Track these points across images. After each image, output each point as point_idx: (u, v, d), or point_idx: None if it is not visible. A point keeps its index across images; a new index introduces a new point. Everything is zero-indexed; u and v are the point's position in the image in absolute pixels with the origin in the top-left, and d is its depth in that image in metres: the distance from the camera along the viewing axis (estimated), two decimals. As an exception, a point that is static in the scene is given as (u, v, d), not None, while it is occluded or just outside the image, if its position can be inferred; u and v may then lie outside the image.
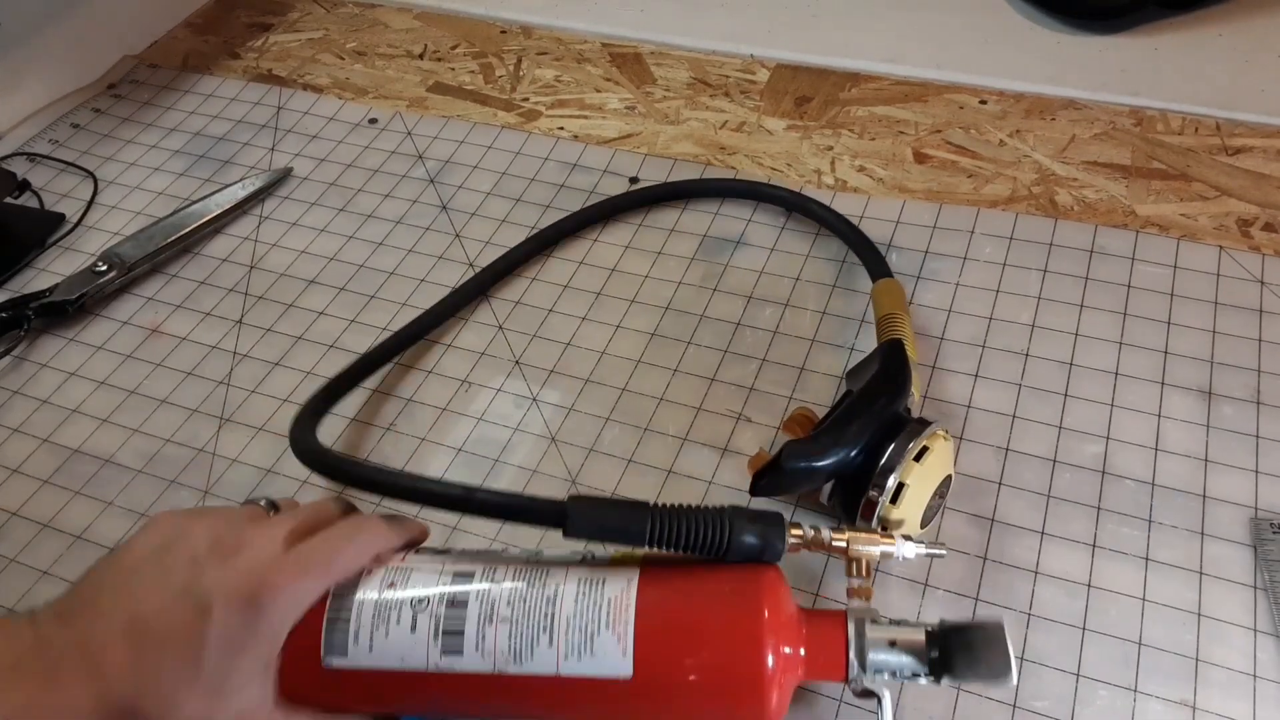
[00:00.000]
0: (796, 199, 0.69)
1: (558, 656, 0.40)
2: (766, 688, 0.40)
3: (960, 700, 0.47)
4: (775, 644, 0.40)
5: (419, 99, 0.84)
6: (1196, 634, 0.48)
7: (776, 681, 0.40)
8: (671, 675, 0.40)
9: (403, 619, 0.41)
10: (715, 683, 0.40)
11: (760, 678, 0.39)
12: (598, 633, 0.40)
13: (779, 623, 0.40)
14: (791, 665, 0.40)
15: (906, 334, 0.55)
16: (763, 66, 0.83)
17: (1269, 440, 0.54)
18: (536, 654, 0.40)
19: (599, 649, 0.40)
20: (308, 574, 0.40)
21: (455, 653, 0.40)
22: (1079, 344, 0.60)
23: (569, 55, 0.87)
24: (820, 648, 0.41)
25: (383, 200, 0.75)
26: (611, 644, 0.40)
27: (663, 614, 0.41)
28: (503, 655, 0.40)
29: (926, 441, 0.48)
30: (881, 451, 0.48)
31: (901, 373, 0.51)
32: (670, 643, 0.40)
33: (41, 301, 0.69)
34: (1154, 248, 0.64)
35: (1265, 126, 0.72)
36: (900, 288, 0.60)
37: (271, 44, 0.93)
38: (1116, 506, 0.53)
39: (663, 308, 0.65)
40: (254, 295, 0.70)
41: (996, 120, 0.75)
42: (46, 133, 0.85)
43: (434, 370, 0.63)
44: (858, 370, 0.54)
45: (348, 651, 0.41)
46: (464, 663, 0.40)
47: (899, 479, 0.47)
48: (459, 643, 0.40)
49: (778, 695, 0.40)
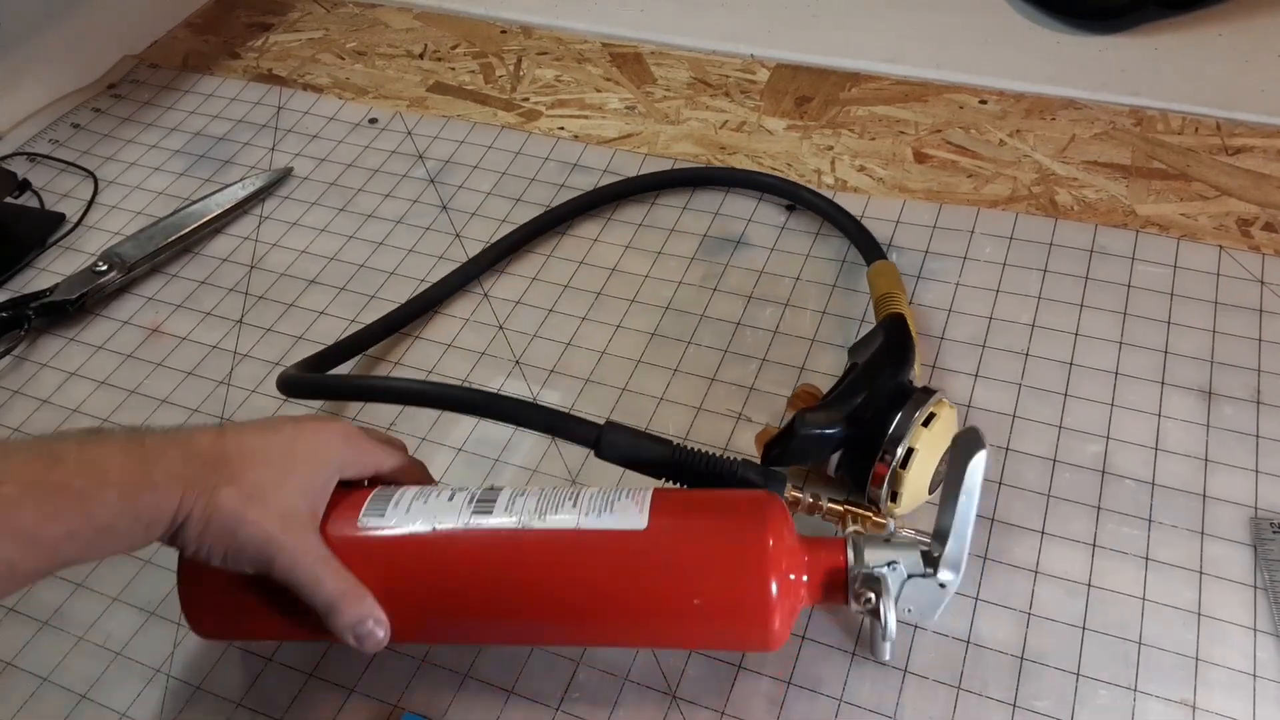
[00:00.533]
0: (784, 184, 0.70)
1: (579, 515, 0.44)
2: (770, 608, 0.42)
3: (960, 700, 0.47)
4: (779, 562, 0.42)
5: (419, 99, 0.84)
6: (1196, 634, 0.48)
7: (779, 595, 0.42)
8: (681, 529, 0.44)
9: (442, 495, 0.46)
10: (721, 601, 0.43)
11: (765, 598, 0.42)
12: (617, 500, 0.45)
13: (782, 549, 0.43)
14: (794, 589, 0.43)
15: (905, 310, 0.56)
16: (763, 66, 0.83)
17: (1269, 440, 0.54)
18: (560, 512, 0.44)
19: (618, 509, 0.44)
20: (363, 443, 0.47)
21: (485, 513, 0.45)
22: (1079, 344, 0.60)
23: (569, 55, 0.87)
24: (822, 573, 0.44)
25: (383, 200, 0.75)
26: (630, 506, 0.44)
27: (676, 506, 0.45)
28: (528, 513, 0.44)
29: (934, 409, 0.49)
30: (890, 419, 0.49)
31: (905, 344, 0.53)
32: (682, 511, 0.45)
33: (42, 301, 0.69)
34: (1154, 248, 0.64)
35: (1265, 126, 0.72)
36: (895, 269, 0.61)
37: (271, 44, 0.93)
38: (1116, 506, 0.53)
39: (663, 308, 0.65)
40: (254, 295, 0.70)
41: (996, 120, 0.75)
42: (47, 133, 0.85)
43: (434, 370, 0.63)
44: (861, 345, 0.55)
45: (385, 513, 0.45)
46: (491, 520, 0.44)
47: (909, 444, 0.48)
48: (490, 507, 0.45)
49: (780, 618, 0.42)
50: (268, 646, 0.51)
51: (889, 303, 0.57)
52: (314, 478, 0.44)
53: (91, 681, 0.51)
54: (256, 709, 0.49)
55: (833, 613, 0.50)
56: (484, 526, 0.44)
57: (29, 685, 0.51)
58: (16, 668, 0.52)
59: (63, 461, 0.39)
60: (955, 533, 0.44)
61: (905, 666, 0.48)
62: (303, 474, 0.44)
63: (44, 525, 0.38)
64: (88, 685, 0.51)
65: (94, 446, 0.40)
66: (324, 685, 0.50)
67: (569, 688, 0.49)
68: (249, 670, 0.51)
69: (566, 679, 0.49)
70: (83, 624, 0.54)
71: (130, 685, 0.51)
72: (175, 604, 0.53)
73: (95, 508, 0.39)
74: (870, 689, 0.47)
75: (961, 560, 0.44)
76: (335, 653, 0.51)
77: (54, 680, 0.51)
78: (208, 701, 0.50)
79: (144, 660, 0.52)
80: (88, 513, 0.38)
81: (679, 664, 0.49)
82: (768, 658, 0.49)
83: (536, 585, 0.44)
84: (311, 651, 0.51)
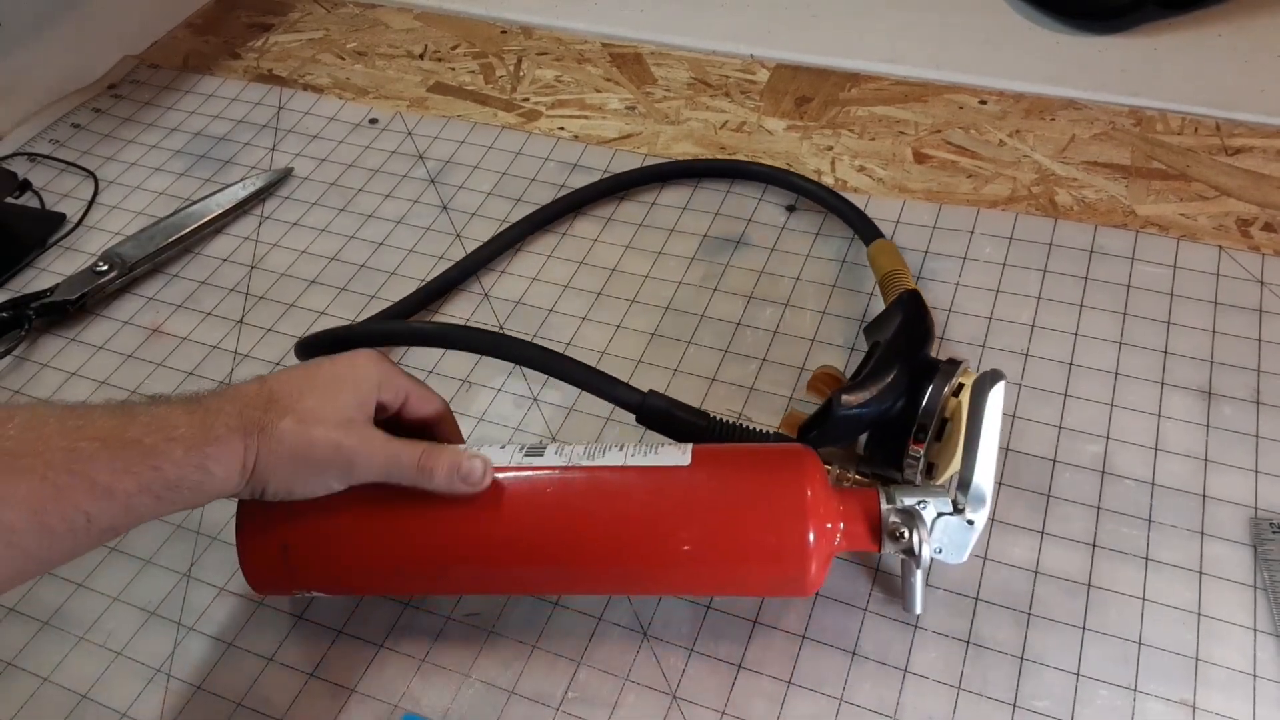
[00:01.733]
0: (777, 172, 0.71)
1: (625, 456, 0.47)
2: (807, 553, 0.44)
3: (960, 700, 0.47)
4: (816, 507, 0.44)
5: (419, 99, 0.84)
6: (1196, 633, 0.48)
7: (816, 540, 0.44)
8: (722, 471, 0.46)
9: (494, 444, 0.49)
10: (761, 542, 0.45)
11: (803, 545, 0.44)
12: (662, 444, 0.48)
13: (818, 494, 0.45)
14: (829, 535, 0.45)
15: (912, 286, 0.57)
16: (763, 66, 0.83)
17: (1269, 440, 0.54)
18: (607, 456, 0.47)
19: (662, 453, 0.47)
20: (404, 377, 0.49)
21: (537, 455, 0.48)
22: (1079, 344, 0.60)
23: (569, 55, 0.87)
24: (857, 518, 0.46)
25: (383, 200, 0.75)
26: (673, 451, 0.47)
27: (717, 454, 0.47)
28: (577, 455, 0.47)
29: (962, 379, 0.50)
30: (921, 393, 0.50)
31: (925, 319, 0.54)
32: (723, 457, 0.47)
33: (42, 301, 0.69)
34: (1154, 248, 0.64)
35: (1265, 126, 0.72)
36: (894, 247, 0.62)
37: (272, 44, 0.93)
38: (1116, 506, 0.53)
39: (663, 308, 0.65)
40: (255, 295, 0.70)
41: (996, 120, 0.75)
42: (47, 133, 0.85)
43: (434, 370, 0.63)
44: (877, 324, 0.55)
45: None
46: (543, 460, 0.47)
47: (942, 415, 0.49)
48: (539, 452, 0.48)
49: (816, 564, 0.44)
50: (268, 646, 0.52)
51: (896, 280, 0.58)
52: (358, 393, 0.46)
53: (91, 681, 0.51)
54: (256, 709, 0.49)
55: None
56: (534, 464, 0.47)
57: (29, 685, 0.51)
58: (17, 668, 0.52)
59: (135, 419, 0.41)
60: (980, 467, 0.45)
61: (905, 666, 0.48)
62: (348, 391, 0.46)
63: (118, 479, 0.39)
64: (88, 685, 0.51)
65: (161, 406, 0.43)
66: (324, 685, 0.50)
67: (569, 688, 0.49)
68: (249, 670, 0.51)
69: (567, 679, 0.49)
70: (83, 624, 0.54)
71: (130, 685, 0.51)
72: (175, 604, 0.54)
73: (163, 462, 0.40)
74: (870, 689, 0.47)
75: (987, 495, 0.45)
76: (335, 653, 0.51)
77: (54, 680, 0.51)
78: (208, 701, 0.50)
79: (144, 660, 0.52)
80: (157, 467, 0.40)
81: (679, 664, 0.49)
82: (768, 657, 0.49)
83: (586, 518, 0.46)
84: (312, 652, 0.51)
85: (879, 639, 0.49)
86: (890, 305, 0.55)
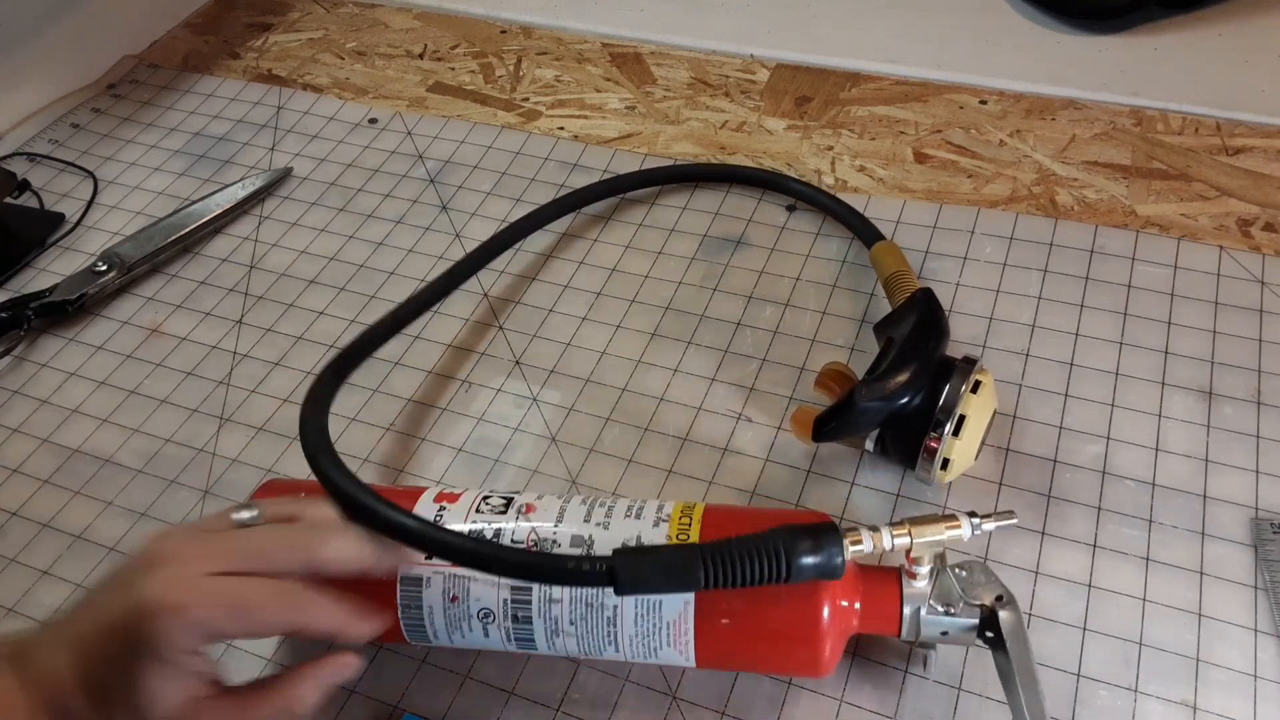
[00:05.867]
0: (774, 177, 0.71)
1: (623, 657, 0.45)
2: (821, 639, 0.42)
3: (960, 700, 0.47)
4: (833, 600, 0.43)
5: (419, 99, 0.84)
6: (1197, 634, 0.48)
7: (830, 634, 0.43)
8: (733, 659, 0.45)
9: (474, 628, 0.45)
10: (776, 648, 0.44)
11: (817, 629, 0.42)
12: (660, 648, 0.44)
13: (837, 592, 0.43)
14: (846, 618, 0.44)
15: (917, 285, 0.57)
16: (763, 66, 0.83)
17: (1269, 440, 0.54)
18: (604, 655, 0.45)
19: (662, 657, 0.44)
20: (215, 607, 0.38)
21: (528, 649, 0.45)
22: (1079, 344, 0.60)
23: (569, 55, 0.87)
24: (875, 603, 0.44)
25: (383, 200, 0.75)
26: (673, 655, 0.44)
27: (722, 616, 0.43)
28: (572, 653, 0.45)
29: (979, 376, 0.50)
30: (939, 390, 0.50)
31: (941, 318, 0.54)
32: (731, 643, 0.44)
33: (41, 301, 0.69)
34: (1154, 248, 0.64)
35: (1265, 126, 0.72)
36: (897, 247, 0.62)
37: (271, 44, 0.93)
38: (1116, 506, 0.53)
39: (663, 308, 0.65)
40: (254, 295, 0.70)
41: (996, 120, 0.75)
42: (46, 133, 0.85)
43: (434, 370, 0.63)
44: (889, 322, 0.55)
45: (429, 640, 0.46)
46: (537, 653, 0.46)
47: (961, 411, 0.49)
48: (530, 646, 0.45)
49: (831, 644, 0.43)
50: (267, 647, 0.51)
51: (904, 280, 0.58)
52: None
53: (91, 682, 0.51)
54: (256, 709, 0.49)
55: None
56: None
57: (28, 685, 0.51)
58: (16, 668, 0.52)
59: None
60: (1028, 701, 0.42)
61: (905, 668, 0.48)
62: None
63: None
64: (87, 685, 0.51)
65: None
66: (324, 685, 0.50)
67: (569, 688, 0.49)
68: (248, 671, 0.51)
69: (567, 679, 0.49)
70: (82, 624, 0.53)
71: (130, 685, 0.51)
72: (175, 604, 0.53)
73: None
74: (870, 689, 0.47)
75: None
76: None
77: (53, 680, 0.51)
78: (207, 702, 0.50)
79: (143, 660, 0.52)
80: None
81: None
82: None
83: None
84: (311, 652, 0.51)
85: (879, 640, 0.49)
86: (904, 303, 0.55)
